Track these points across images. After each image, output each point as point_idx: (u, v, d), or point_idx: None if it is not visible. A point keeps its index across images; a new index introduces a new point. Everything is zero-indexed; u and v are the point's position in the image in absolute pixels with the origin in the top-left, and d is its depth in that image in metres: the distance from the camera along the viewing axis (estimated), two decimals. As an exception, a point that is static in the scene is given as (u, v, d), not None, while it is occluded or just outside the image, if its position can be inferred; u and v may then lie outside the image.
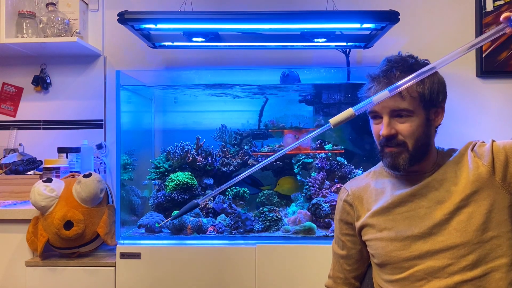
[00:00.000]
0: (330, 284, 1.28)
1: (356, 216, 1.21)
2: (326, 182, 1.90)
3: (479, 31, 2.14)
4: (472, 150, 1.15)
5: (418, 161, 1.13)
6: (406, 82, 1.04)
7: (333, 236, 1.31)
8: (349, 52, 2.11)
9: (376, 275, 1.20)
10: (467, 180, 1.10)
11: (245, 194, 1.94)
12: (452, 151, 1.20)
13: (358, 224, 1.20)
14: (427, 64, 1.13)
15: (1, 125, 2.32)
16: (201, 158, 1.97)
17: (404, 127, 1.10)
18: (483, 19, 2.14)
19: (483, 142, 1.15)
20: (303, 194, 1.93)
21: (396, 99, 1.09)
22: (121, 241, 1.74)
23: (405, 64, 1.12)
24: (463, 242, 1.05)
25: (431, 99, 1.12)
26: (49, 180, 1.81)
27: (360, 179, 1.28)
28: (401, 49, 1.18)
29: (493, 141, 1.13)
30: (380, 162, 1.26)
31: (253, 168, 1.15)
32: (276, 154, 1.18)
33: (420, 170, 1.15)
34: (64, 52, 2.22)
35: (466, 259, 1.05)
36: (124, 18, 1.66)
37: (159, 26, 1.74)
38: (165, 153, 1.99)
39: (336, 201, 1.34)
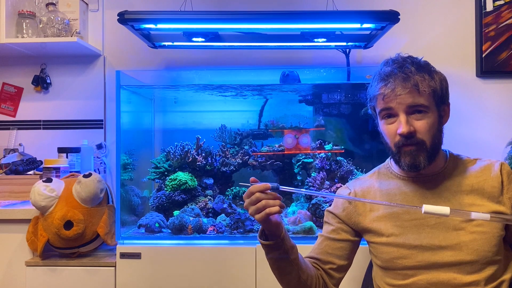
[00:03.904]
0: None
1: (355, 215, 1.19)
2: (326, 182, 1.90)
3: (479, 31, 2.14)
4: (501, 170, 1.12)
5: (433, 161, 1.11)
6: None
7: None
8: (349, 52, 2.11)
9: (377, 275, 1.19)
10: (486, 198, 1.09)
11: (245, 194, 1.94)
12: (469, 160, 1.18)
13: (358, 225, 1.18)
14: (427, 63, 1.13)
15: (1, 125, 2.32)
16: (201, 158, 1.97)
17: (421, 124, 1.07)
18: (483, 19, 2.14)
19: None
20: (303, 194, 1.92)
21: (414, 94, 1.06)
22: (121, 241, 1.74)
23: (414, 60, 1.10)
24: (472, 260, 1.05)
25: (442, 95, 1.11)
26: (49, 180, 1.81)
27: (363, 179, 1.25)
28: (401, 49, 1.18)
29: None
30: (385, 163, 1.24)
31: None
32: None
33: (429, 171, 1.13)
34: (64, 52, 2.22)
35: (472, 276, 1.05)
36: (124, 18, 1.66)
37: (159, 26, 1.74)
38: (165, 153, 1.99)
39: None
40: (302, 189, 1.04)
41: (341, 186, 1.79)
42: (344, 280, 1.23)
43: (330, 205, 1.27)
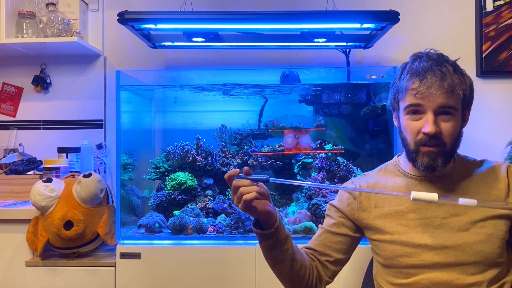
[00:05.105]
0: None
1: (359, 210, 1.18)
2: (326, 182, 1.90)
3: (479, 31, 2.14)
4: (507, 173, 1.12)
5: (448, 163, 1.11)
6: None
7: None
8: (349, 52, 2.11)
9: (378, 273, 1.19)
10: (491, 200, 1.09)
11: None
12: (476, 162, 1.17)
13: (362, 221, 1.18)
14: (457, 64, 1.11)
15: (1, 125, 2.32)
16: (201, 158, 1.97)
17: (447, 126, 1.06)
18: (483, 19, 2.14)
19: None
20: (303, 194, 1.93)
21: (448, 95, 1.04)
22: (121, 241, 1.74)
23: (449, 60, 1.09)
24: (476, 261, 1.05)
25: (469, 100, 1.11)
26: (49, 180, 1.81)
27: (369, 175, 1.25)
28: (401, 49, 1.17)
29: None
30: (392, 160, 1.24)
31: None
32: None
33: (438, 172, 1.11)
34: (64, 52, 2.22)
35: (474, 277, 1.05)
36: (124, 18, 1.66)
37: (159, 26, 1.74)
38: (165, 153, 1.99)
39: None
40: (291, 180, 1.03)
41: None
42: (344, 278, 1.23)
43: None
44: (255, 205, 0.99)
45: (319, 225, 1.25)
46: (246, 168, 1.01)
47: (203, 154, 1.99)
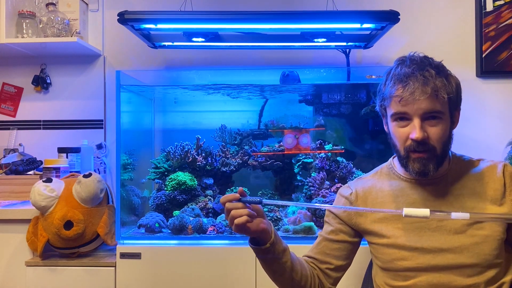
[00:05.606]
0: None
1: (355, 216, 1.18)
2: (326, 182, 1.90)
3: (479, 31, 2.14)
4: (504, 172, 1.11)
5: (441, 166, 1.10)
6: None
7: None
8: (349, 52, 2.11)
9: (377, 275, 1.19)
10: (488, 201, 1.09)
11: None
12: (472, 161, 1.17)
13: (359, 226, 1.18)
14: (443, 65, 1.10)
15: (1, 125, 2.32)
16: (201, 158, 1.97)
17: (435, 131, 1.05)
18: (483, 19, 2.14)
19: None
20: (303, 194, 1.93)
21: (432, 100, 1.03)
22: (121, 241, 1.74)
23: (433, 62, 1.07)
24: (473, 263, 1.05)
25: (457, 100, 1.09)
26: (49, 180, 1.81)
27: (365, 179, 1.25)
28: (401, 49, 1.17)
29: None
30: (387, 163, 1.24)
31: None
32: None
33: (433, 175, 1.11)
34: (64, 52, 2.22)
35: (472, 279, 1.05)
36: (124, 18, 1.66)
37: (159, 26, 1.74)
38: (165, 153, 1.99)
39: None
40: (286, 201, 1.03)
41: (341, 186, 1.79)
42: (344, 278, 1.23)
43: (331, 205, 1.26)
44: (248, 226, 1.00)
45: (318, 232, 1.26)
46: (240, 188, 1.02)
47: (203, 154, 1.99)
